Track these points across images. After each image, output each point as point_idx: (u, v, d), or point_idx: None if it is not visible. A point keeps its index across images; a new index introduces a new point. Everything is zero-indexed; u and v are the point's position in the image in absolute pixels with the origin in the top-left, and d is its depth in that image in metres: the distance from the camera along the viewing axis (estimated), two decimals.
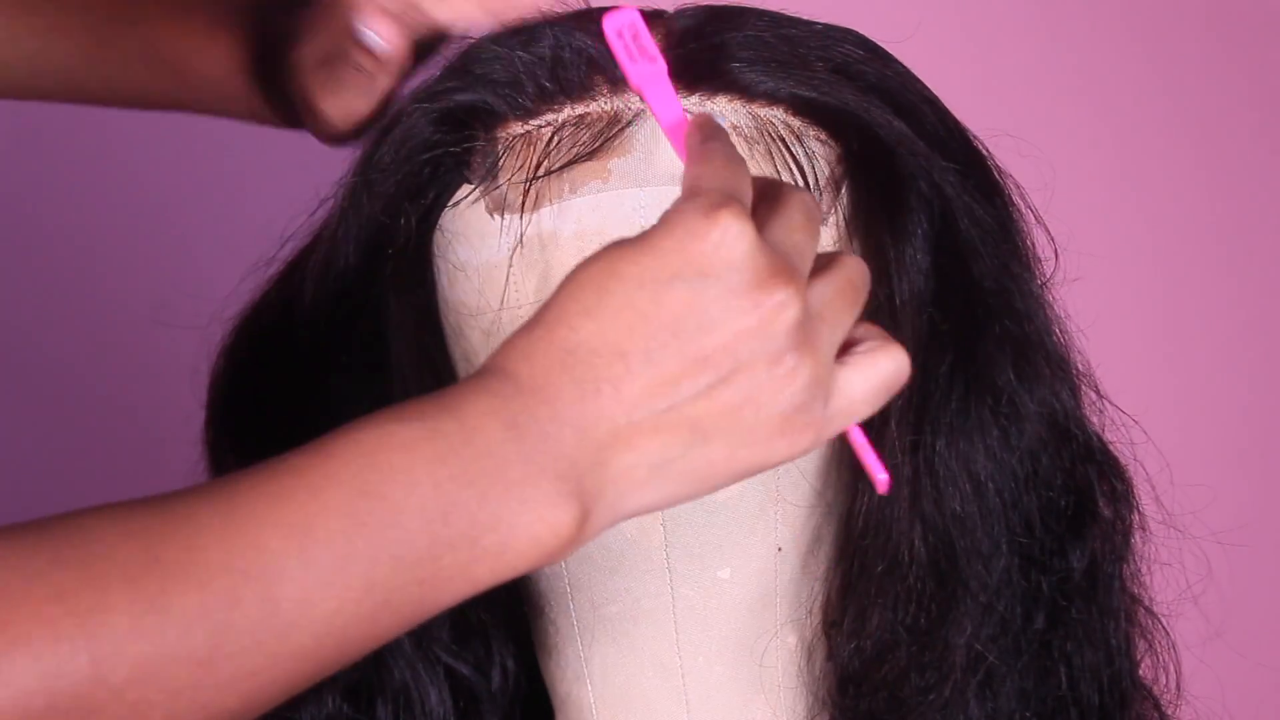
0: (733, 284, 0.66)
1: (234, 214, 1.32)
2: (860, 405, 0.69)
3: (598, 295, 0.66)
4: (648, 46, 0.75)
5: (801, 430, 0.68)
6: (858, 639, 0.83)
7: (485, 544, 0.65)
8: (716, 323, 0.66)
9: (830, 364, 0.68)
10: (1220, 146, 1.52)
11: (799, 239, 0.68)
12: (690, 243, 0.66)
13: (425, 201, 0.84)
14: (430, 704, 0.88)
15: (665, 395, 0.66)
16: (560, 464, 0.66)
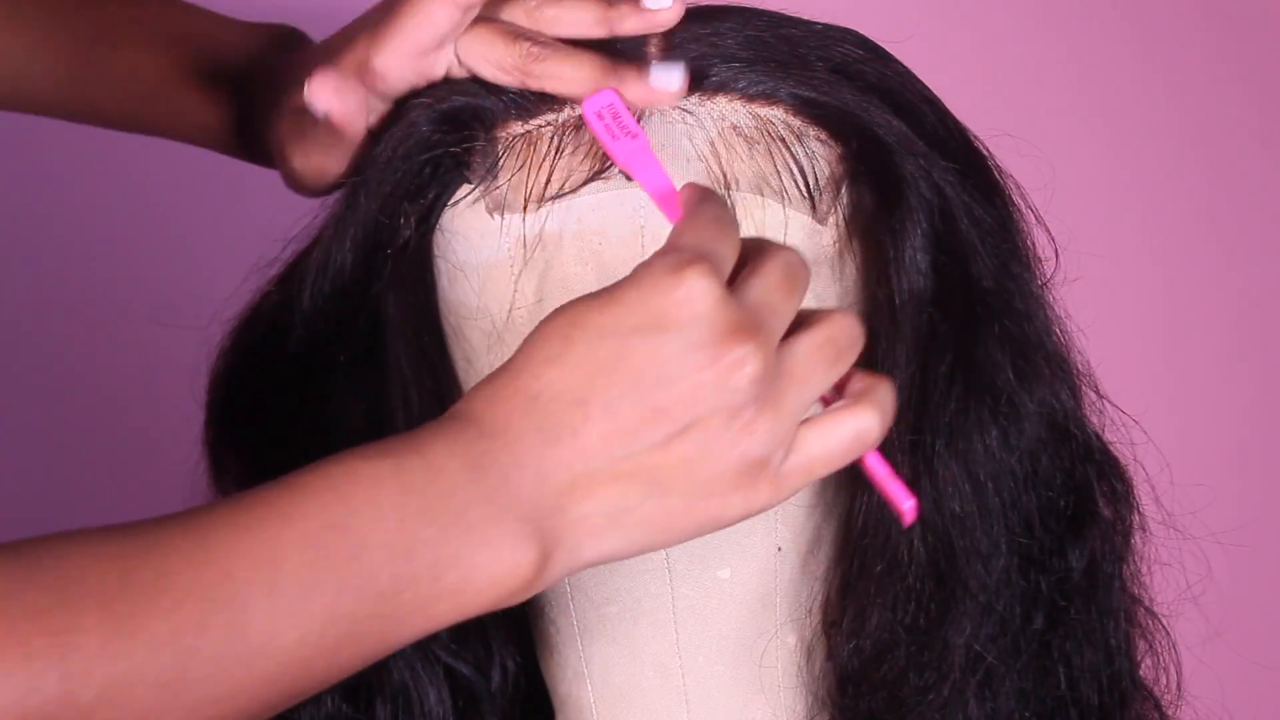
0: (693, 339, 0.68)
1: (234, 214, 1.32)
2: (819, 465, 0.71)
3: (562, 344, 0.68)
4: (627, 124, 0.76)
5: (758, 485, 0.69)
6: (857, 639, 0.83)
7: (446, 581, 0.67)
8: (675, 376, 0.68)
9: (794, 421, 0.70)
10: (1220, 146, 1.52)
11: (774, 297, 0.70)
12: (654, 296, 0.68)
13: (425, 201, 0.84)
14: (430, 704, 0.88)
15: (623, 444, 0.68)
16: (521, 506, 0.68)
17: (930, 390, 0.81)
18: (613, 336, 0.68)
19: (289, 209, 0.91)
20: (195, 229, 1.39)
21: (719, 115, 0.82)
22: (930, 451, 0.81)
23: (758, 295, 0.69)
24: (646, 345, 0.68)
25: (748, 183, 0.82)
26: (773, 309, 0.69)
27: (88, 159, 1.39)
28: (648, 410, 0.68)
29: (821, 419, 0.71)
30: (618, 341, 0.68)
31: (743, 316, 0.68)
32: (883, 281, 0.82)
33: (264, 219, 0.92)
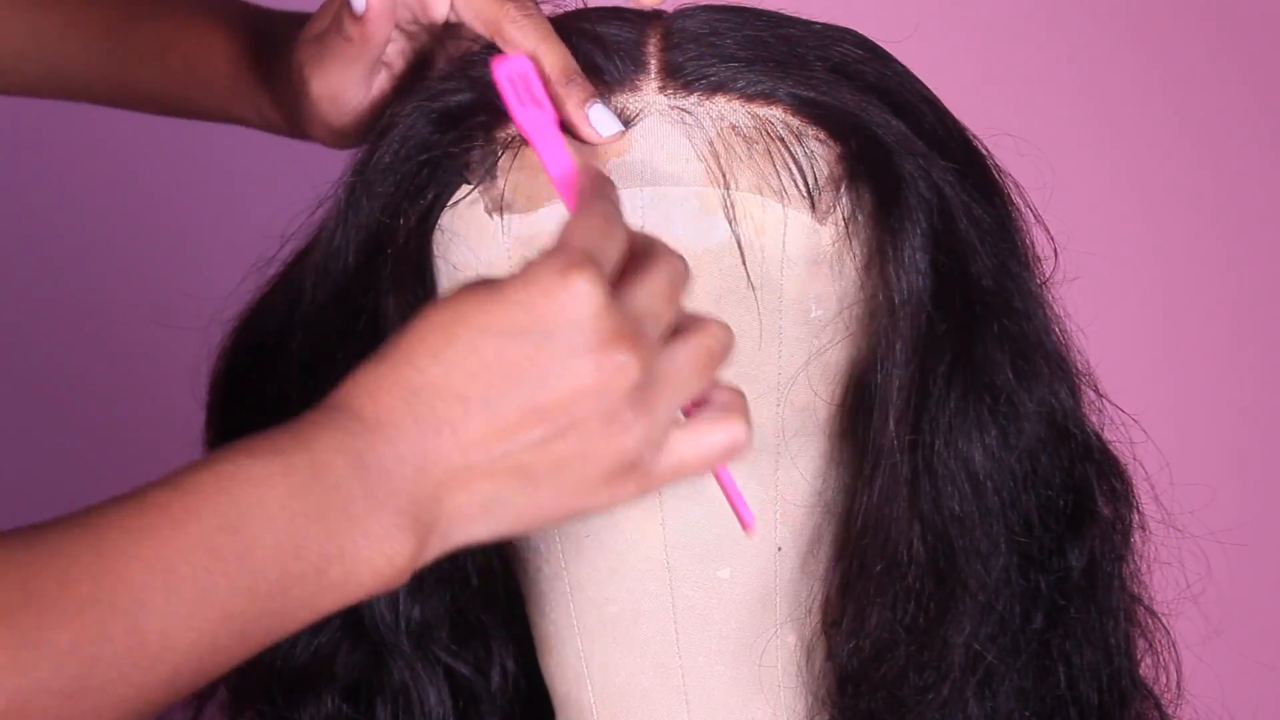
0: (575, 343, 0.69)
1: (234, 214, 1.32)
2: (688, 468, 0.73)
3: (445, 339, 0.69)
4: (537, 93, 0.76)
5: (626, 482, 0.71)
6: (857, 638, 0.83)
7: (331, 575, 0.68)
8: (555, 379, 0.69)
9: (665, 425, 0.71)
10: (1220, 145, 1.52)
11: (656, 304, 0.71)
12: (540, 299, 0.69)
13: (424, 202, 0.84)
14: (429, 704, 0.88)
15: (501, 442, 0.69)
16: (399, 499, 0.69)
17: (929, 389, 0.81)
18: (496, 336, 0.69)
19: (289, 209, 0.91)
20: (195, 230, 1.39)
21: (718, 115, 0.82)
22: (930, 451, 0.81)
23: (642, 302, 0.71)
24: (529, 347, 0.69)
25: (747, 182, 0.82)
26: (655, 316, 0.71)
27: (88, 158, 1.39)
28: (527, 411, 0.69)
29: (696, 425, 0.72)
30: (500, 341, 0.69)
31: (625, 324, 0.69)
32: (882, 281, 0.82)
33: (264, 219, 0.92)
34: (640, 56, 0.84)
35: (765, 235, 0.82)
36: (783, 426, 0.83)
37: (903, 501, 0.82)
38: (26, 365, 1.39)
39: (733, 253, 0.81)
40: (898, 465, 0.81)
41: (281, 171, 1.26)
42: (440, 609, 0.88)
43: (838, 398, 0.84)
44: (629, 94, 0.83)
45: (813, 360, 0.83)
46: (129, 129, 1.36)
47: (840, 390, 0.84)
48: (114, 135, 1.38)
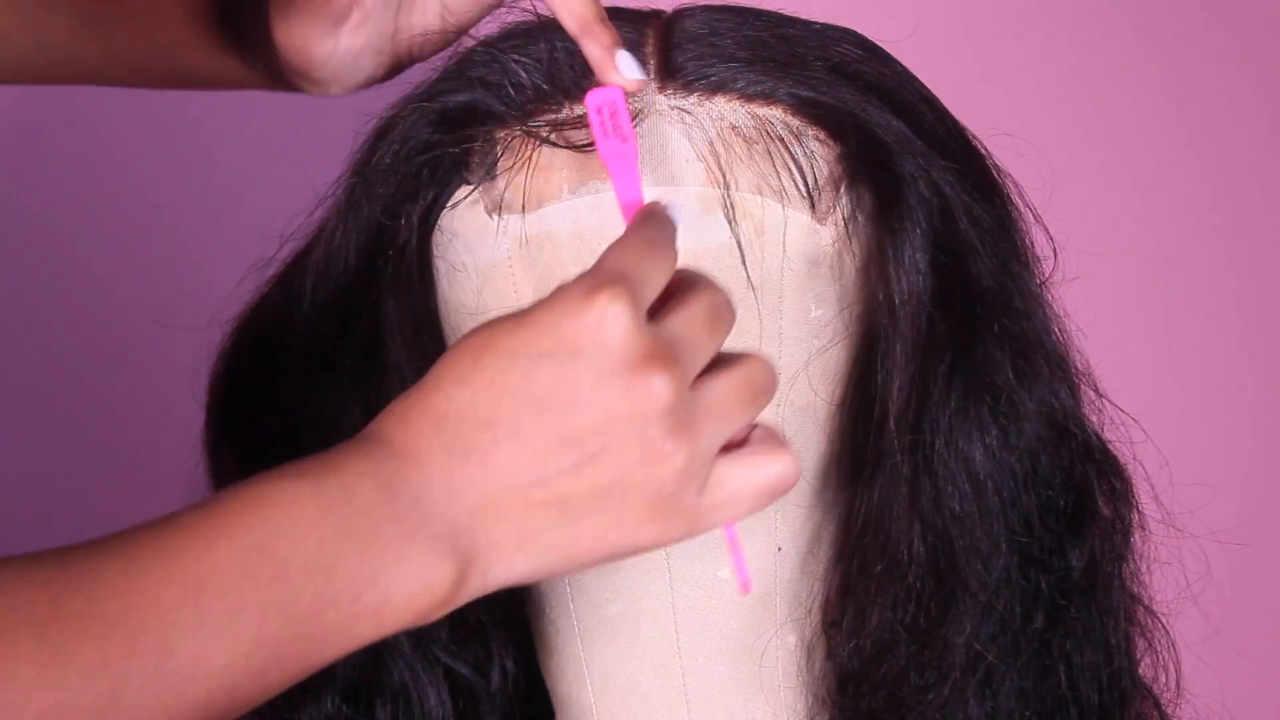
0: (604, 366, 0.67)
1: (234, 215, 1.32)
2: (739, 503, 0.71)
3: (472, 365, 0.68)
4: (623, 126, 0.77)
5: (672, 518, 0.69)
6: (857, 638, 0.83)
7: (366, 600, 0.67)
8: (585, 404, 0.68)
9: (709, 457, 0.70)
10: (1220, 145, 1.52)
11: (694, 333, 0.70)
12: (565, 320, 0.68)
13: (424, 202, 0.84)
14: (429, 704, 0.88)
15: (532, 470, 0.68)
16: (433, 526, 0.67)
17: (930, 389, 0.81)
18: (522, 359, 0.68)
19: (288, 209, 0.91)
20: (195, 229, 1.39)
21: (718, 115, 0.82)
22: (930, 451, 0.81)
23: (678, 328, 0.69)
24: (556, 370, 0.67)
25: (747, 183, 0.82)
26: (692, 344, 0.69)
27: (87, 158, 1.39)
28: (557, 436, 0.68)
29: (744, 457, 0.71)
30: (527, 364, 0.67)
31: (658, 346, 0.68)
32: (882, 281, 0.82)
33: (263, 219, 0.92)
34: (640, 57, 0.84)
35: (765, 235, 0.82)
36: (783, 427, 0.83)
37: (903, 501, 0.82)
38: (26, 365, 1.39)
39: (732, 253, 0.81)
40: (898, 465, 0.81)
41: (281, 171, 1.26)
42: None
43: (838, 398, 0.84)
44: (629, 94, 0.83)
45: (813, 360, 0.83)
46: (130, 129, 1.36)
47: (840, 390, 0.84)
48: (114, 135, 1.38)
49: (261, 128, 1.38)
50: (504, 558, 0.69)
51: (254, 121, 1.39)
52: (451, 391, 0.68)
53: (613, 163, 0.77)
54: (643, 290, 0.69)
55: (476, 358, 0.68)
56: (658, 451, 0.68)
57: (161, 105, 1.36)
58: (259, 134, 1.38)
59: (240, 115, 1.37)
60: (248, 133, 1.39)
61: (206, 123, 1.37)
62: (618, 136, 0.77)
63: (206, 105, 1.35)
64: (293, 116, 1.33)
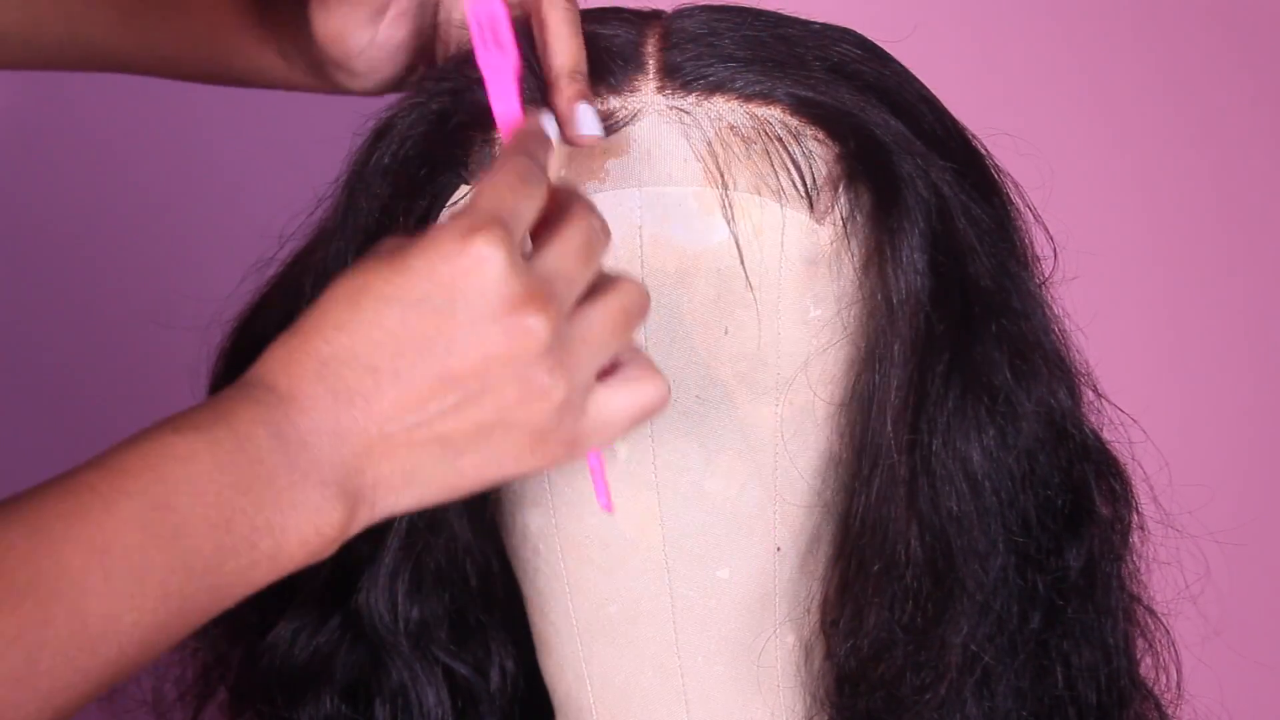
0: (480, 309, 0.69)
1: (234, 215, 1.32)
2: (615, 426, 0.73)
3: (350, 310, 0.69)
4: (503, 38, 0.77)
5: (552, 447, 0.72)
6: (855, 638, 0.84)
7: (263, 547, 0.69)
8: (463, 346, 0.69)
9: (586, 386, 0.72)
10: (1220, 144, 1.52)
11: (569, 265, 0.71)
12: (441, 265, 0.69)
13: (423, 202, 0.84)
14: (428, 704, 0.88)
15: (415, 411, 0.70)
16: (322, 470, 0.69)
17: (927, 389, 0.81)
18: (399, 304, 0.69)
19: (289, 209, 0.91)
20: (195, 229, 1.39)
21: (716, 115, 0.82)
22: (928, 450, 0.81)
23: (553, 264, 0.71)
24: (433, 315, 0.69)
25: (746, 183, 0.82)
26: (567, 278, 0.71)
27: (87, 158, 1.39)
28: (438, 379, 0.69)
29: (618, 384, 0.73)
30: (404, 310, 0.69)
31: (533, 285, 0.69)
32: (880, 280, 0.82)
33: (264, 219, 0.92)
34: (639, 57, 0.84)
35: (763, 235, 0.82)
36: (781, 426, 0.83)
37: (901, 501, 0.82)
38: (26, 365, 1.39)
39: (731, 253, 0.81)
40: (896, 465, 0.81)
41: (281, 171, 1.26)
42: (439, 609, 0.88)
43: (836, 397, 0.84)
44: (627, 94, 0.83)
45: (811, 360, 0.83)
46: (130, 129, 1.36)
47: (839, 390, 0.84)
48: (114, 136, 1.38)
49: (262, 128, 1.38)
50: (391, 493, 0.71)
51: (254, 122, 1.39)
52: (331, 336, 0.69)
53: (491, 75, 0.77)
54: (517, 228, 0.70)
55: (354, 303, 0.69)
56: (538, 388, 0.70)
57: (162, 105, 1.36)
58: (259, 134, 1.38)
59: (240, 115, 1.37)
60: (248, 133, 1.39)
61: (207, 123, 1.37)
62: (497, 47, 0.77)
63: (207, 105, 1.35)
64: (293, 117, 1.34)
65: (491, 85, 0.77)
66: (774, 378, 0.83)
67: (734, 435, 0.83)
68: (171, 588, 0.67)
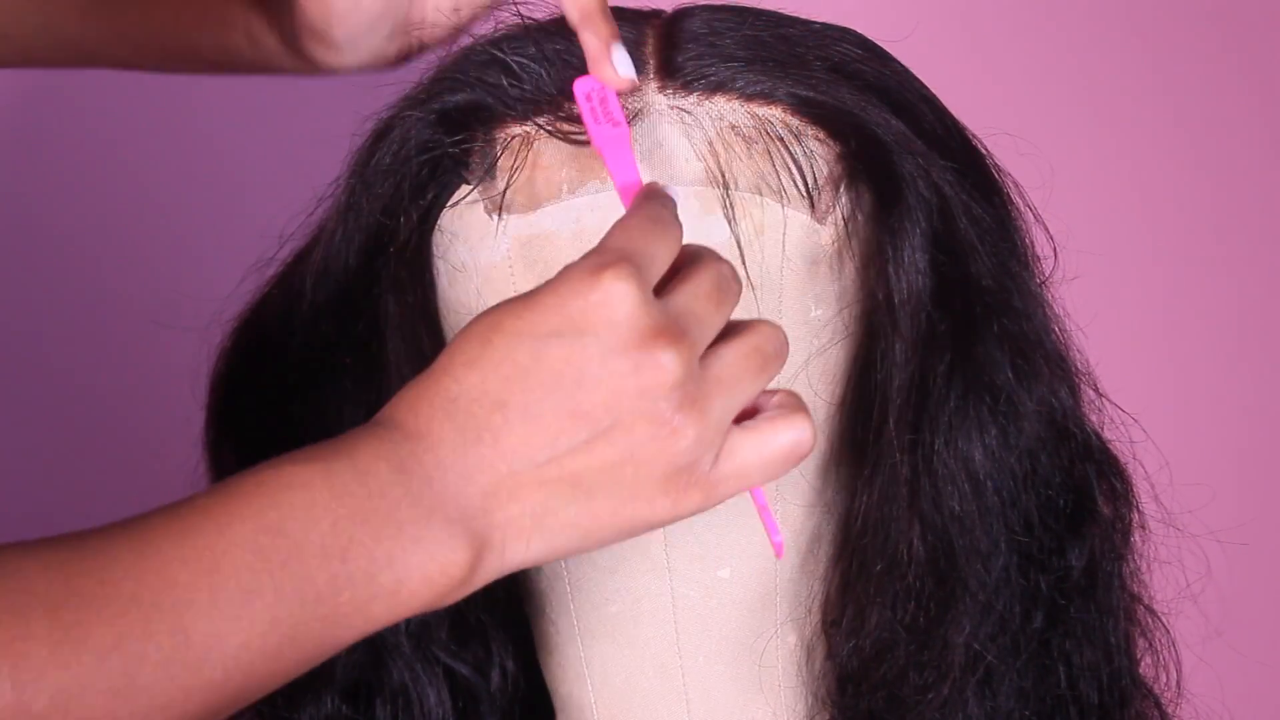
0: (612, 342, 0.68)
1: (234, 214, 1.32)
2: (754, 472, 0.72)
3: (480, 347, 0.69)
4: (614, 111, 0.78)
5: (686, 490, 0.70)
6: (856, 638, 0.84)
7: (381, 581, 0.68)
8: (595, 380, 0.68)
9: (721, 427, 0.70)
10: (1219, 144, 1.52)
11: (701, 307, 0.71)
12: (571, 299, 0.68)
13: (424, 202, 0.84)
14: (429, 704, 0.88)
15: (543, 448, 0.69)
16: (447, 508, 0.68)
17: (929, 389, 0.81)
18: (530, 339, 0.68)
19: (289, 209, 0.91)
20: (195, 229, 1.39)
21: (717, 115, 0.82)
22: (929, 450, 0.81)
23: (684, 302, 0.70)
24: (564, 349, 0.68)
25: (746, 182, 0.82)
26: (698, 317, 0.70)
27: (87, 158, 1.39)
28: (567, 414, 0.68)
29: (758, 425, 0.71)
30: (535, 345, 0.68)
31: (664, 321, 0.69)
32: (881, 280, 0.82)
33: (264, 219, 0.92)
34: (640, 57, 0.84)
35: (764, 235, 0.82)
36: None
37: (902, 501, 0.82)
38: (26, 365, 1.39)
39: (732, 252, 0.81)
40: (897, 465, 0.81)
41: (281, 171, 1.26)
42: (440, 609, 0.88)
43: (838, 397, 0.84)
44: (628, 94, 0.83)
45: (813, 360, 0.83)
46: (129, 128, 1.36)
47: (840, 390, 0.84)
48: (114, 136, 1.38)
49: (262, 128, 1.38)
50: (520, 537, 0.69)
51: (254, 122, 1.39)
52: (460, 374, 0.69)
53: (607, 148, 0.78)
54: (648, 267, 0.70)
55: (485, 340, 0.69)
56: (668, 425, 0.69)
57: (162, 105, 1.36)
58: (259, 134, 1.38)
59: (241, 115, 1.37)
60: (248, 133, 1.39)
61: (207, 123, 1.37)
62: (609, 122, 0.78)
63: (207, 105, 1.35)
64: (293, 117, 1.34)
65: (610, 159, 0.78)
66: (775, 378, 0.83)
67: None
68: (281, 614, 0.66)
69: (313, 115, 1.23)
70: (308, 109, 1.29)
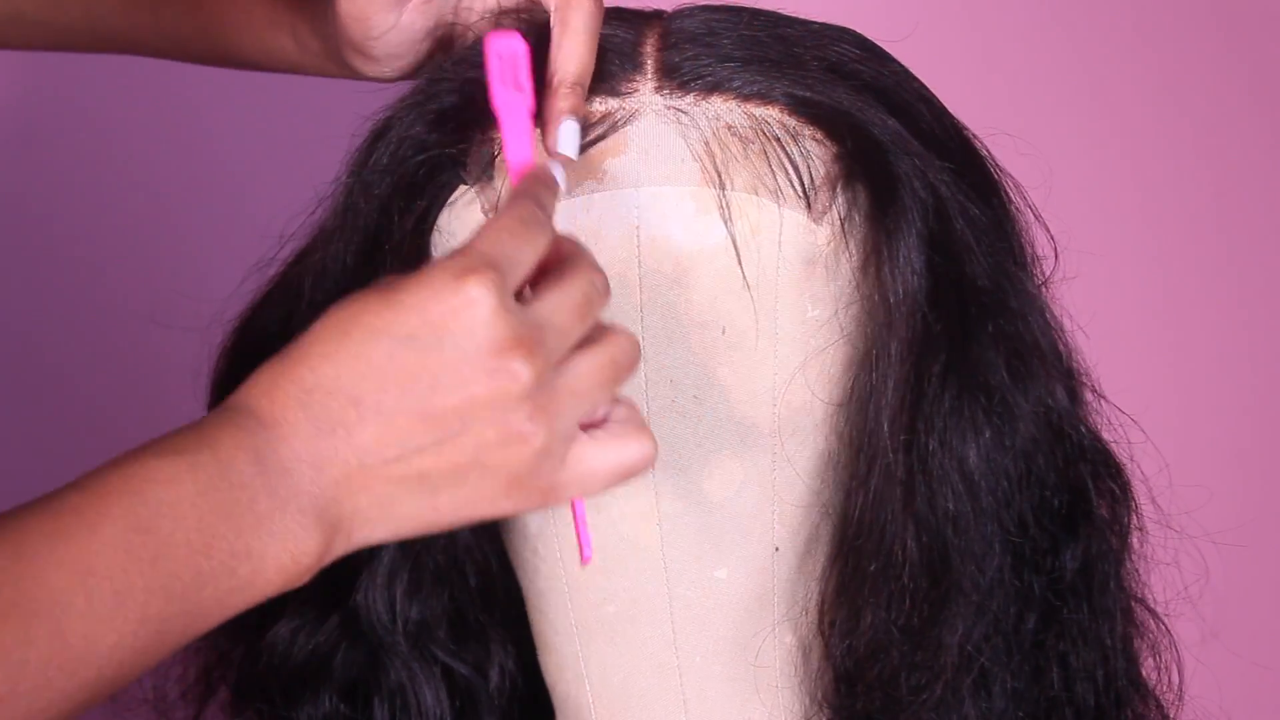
0: (467, 350, 0.69)
1: (234, 214, 1.32)
2: (595, 481, 0.73)
3: (338, 341, 0.70)
4: (521, 78, 0.77)
5: (528, 493, 0.72)
6: (852, 638, 0.84)
7: (240, 573, 0.69)
8: (447, 386, 0.69)
9: (568, 435, 0.72)
10: (1219, 144, 1.52)
11: (563, 318, 0.71)
12: (431, 303, 0.69)
13: (422, 202, 0.84)
14: (427, 704, 0.88)
15: (394, 446, 0.70)
16: (301, 498, 0.69)
17: (924, 389, 0.81)
18: (387, 339, 0.69)
19: (289, 209, 0.91)
20: (195, 230, 1.39)
21: (714, 115, 0.82)
22: (924, 450, 0.81)
23: (547, 313, 0.71)
24: (420, 352, 0.69)
25: (743, 182, 0.82)
26: (560, 329, 0.71)
27: (87, 158, 1.39)
28: (420, 416, 0.69)
29: (605, 440, 0.73)
30: (391, 344, 0.69)
31: (522, 331, 0.69)
32: (877, 281, 0.82)
33: (264, 219, 0.92)
34: (637, 57, 0.84)
35: (761, 235, 0.82)
36: (779, 426, 0.83)
37: (897, 501, 0.82)
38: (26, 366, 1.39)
39: (728, 253, 0.81)
40: (892, 465, 0.81)
41: (281, 171, 1.26)
42: (438, 609, 0.88)
43: (834, 397, 0.84)
44: (626, 94, 0.83)
45: (809, 360, 0.83)
46: (130, 129, 1.36)
47: (837, 390, 0.84)
48: (114, 134, 1.38)
49: (262, 128, 1.38)
50: (366, 525, 0.71)
51: (255, 122, 1.39)
52: (316, 364, 0.69)
53: (506, 114, 0.77)
54: (512, 273, 0.70)
55: (344, 332, 0.69)
56: (517, 433, 0.70)
57: (163, 105, 1.36)
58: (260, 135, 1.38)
59: (241, 115, 1.37)
60: (249, 133, 1.39)
61: (207, 123, 1.37)
62: (513, 86, 0.77)
63: (208, 105, 1.35)
64: (294, 117, 1.34)
65: (505, 124, 0.77)
66: (771, 377, 0.83)
67: (732, 435, 0.83)
68: (151, 611, 0.67)
69: (313, 115, 1.23)
70: (308, 109, 1.29)
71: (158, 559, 0.67)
